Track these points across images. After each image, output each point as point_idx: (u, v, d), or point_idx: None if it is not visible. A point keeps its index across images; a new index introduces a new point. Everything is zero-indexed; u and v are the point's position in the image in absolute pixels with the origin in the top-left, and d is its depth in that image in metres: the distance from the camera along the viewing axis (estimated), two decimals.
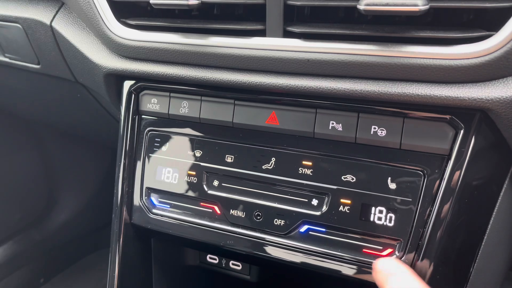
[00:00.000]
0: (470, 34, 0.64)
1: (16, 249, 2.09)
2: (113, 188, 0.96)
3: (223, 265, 1.03)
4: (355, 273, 0.77)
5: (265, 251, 0.83)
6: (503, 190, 0.75)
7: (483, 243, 0.77)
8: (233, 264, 1.03)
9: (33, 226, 2.19)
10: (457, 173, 0.71)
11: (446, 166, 0.72)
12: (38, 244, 2.18)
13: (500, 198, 0.75)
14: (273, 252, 0.83)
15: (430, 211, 0.72)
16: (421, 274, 0.72)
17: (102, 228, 2.33)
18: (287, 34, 0.75)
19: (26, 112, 1.79)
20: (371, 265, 0.75)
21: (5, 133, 2.01)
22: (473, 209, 0.75)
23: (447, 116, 0.70)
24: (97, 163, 2.26)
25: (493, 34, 0.63)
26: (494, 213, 0.76)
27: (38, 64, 1.14)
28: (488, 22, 0.65)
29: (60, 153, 2.21)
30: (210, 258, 1.05)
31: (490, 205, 0.76)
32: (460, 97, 0.67)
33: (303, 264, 0.81)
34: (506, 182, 0.76)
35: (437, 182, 0.72)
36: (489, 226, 0.76)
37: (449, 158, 0.71)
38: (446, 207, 0.71)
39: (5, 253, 2.05)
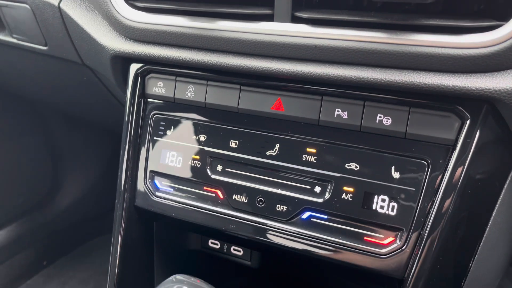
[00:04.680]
0: (479, 24, 0.64)
1: (20, 232, 2.11)
2: (117, 173, 0.96)
3: (225, 251, 1.04)
4: (356, 261, 0.77)
5: (266, 237, 0.83)
6: (507, 182, 0.75)
7: (484, 235, 0.76)
8: (234, 249, 1.03)
9: (36, 209, 2.21)
10: (462, 164, 0.71)
11: (450, 157, 0.71)
12: (41, 227, 2.20)
13: (503, 191, 0.75)
14: (275, 238, 0.83)
15: (433, 201, 0.72)
16: (421, 264, 0.72)
17: (105, 213, 2.34)
18: (295, 20, 0.75)
19: (33, 95, 1.80)
20: (372, 253, 0.76)
21: (11, 116, 2.02)
22: (476, 200, 0.74)
23: (454, 107, 0.70)
24: (101, 148, 2.27)
25: (503, 24, 0.63)
26: (497, 206, 0.76)
27: (46, 45, 1.14)
28: (499, 12, 0.64)
29: (65, 138, 2.22)
30: (212, 243, 1.06)
31: (493, 197, 0.76)
32: (468, 87, 0.66)
33: (304, 250, 0.81)
34: (511, 174, 0.75)
35: (441, 172, 0.72)
36: (491, 219, 0.76)
37: (454, 149, 0.71)
38: (449, 197, 0.71)
39: (9, 235, 2.07)
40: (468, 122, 0.70)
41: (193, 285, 0.66)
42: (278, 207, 0.82)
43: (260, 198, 0.84)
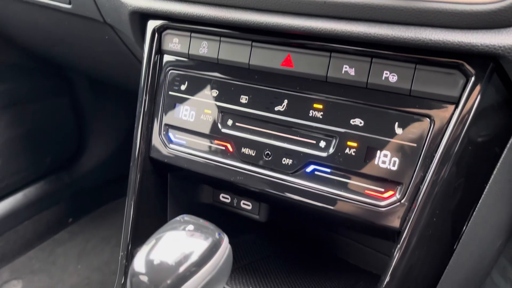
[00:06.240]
0: None
1: (47, 189, 2.21)
2: None
3: (235, 204, 1.09)
4: (357, 212, 0.80)
5: (272, 188, 0.87)
6: (509, 142, 0.76)
7: (484, 193, 0.78)
8: (243, 203, 1.08)
9: (63, 168, 2.30)
10: (464, 121, 0.71)
11: (453, 114, 0.72)
12: (67, 186, 2.29)
13: (506, 150, 0.76)
14: (280, 189, 0.86)
15: (433, 157, 0.74)
16: (418, 217, 0.75)
17: (128, 175, 2.42)
18: None
19: (59, 57, 1.86)
20: (372, 205, 0.78)
21: (39, 78, 2.09)
22: (477, 158, 0.76)
23: (459, 63, 0.71)
24: (125, 110, 2.34)
25: None
26: (498, 165, 0.76)
27: (69, 3, 1.18)
28: None
29: (90, 100, 2.29)
30: (223, 197, 1.11)
31: (495, 156, 0.77)
32: (473, 43, 0.67)
33: (307, 202, 0.84)
34: None
35: (443, 129, 0.73)
36: (492, 177, 0.77)
37: (457, 106, 0.72)
38: (449, 154, 0.73)
39: (37, 192, 2.17)
40: (472, 79, 0.70)
41: (199, 225, 0.70)
42: (284, 160, 0.85)
43: (267, 152, 0.87)
